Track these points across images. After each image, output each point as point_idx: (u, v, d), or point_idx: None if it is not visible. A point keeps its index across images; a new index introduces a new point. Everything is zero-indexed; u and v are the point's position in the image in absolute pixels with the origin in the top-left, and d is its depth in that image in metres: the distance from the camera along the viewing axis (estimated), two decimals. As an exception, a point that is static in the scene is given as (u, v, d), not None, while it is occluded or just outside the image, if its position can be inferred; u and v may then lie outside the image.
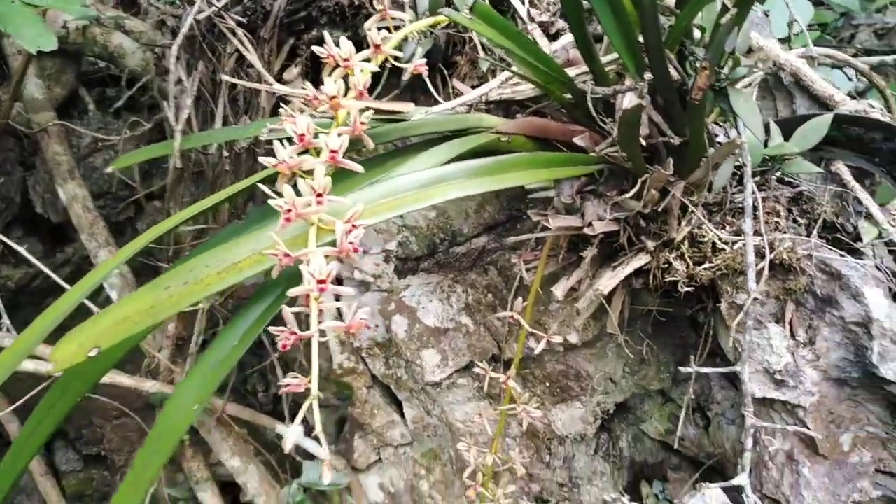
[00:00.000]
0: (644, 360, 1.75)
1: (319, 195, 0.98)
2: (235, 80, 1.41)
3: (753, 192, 1.26)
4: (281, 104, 1.36)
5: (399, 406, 1.99)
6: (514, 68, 1.24)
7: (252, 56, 1.45)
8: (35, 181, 2.55)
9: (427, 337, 1.78)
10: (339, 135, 1.00)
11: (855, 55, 3.14)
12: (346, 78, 1.09)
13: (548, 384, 1.74)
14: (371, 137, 1.37)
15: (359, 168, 1.04)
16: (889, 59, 1.57)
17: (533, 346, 1.49)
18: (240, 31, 1.48)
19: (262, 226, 1.06)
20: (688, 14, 1.12)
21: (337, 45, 1.06)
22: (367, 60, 1.12)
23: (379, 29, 1.13)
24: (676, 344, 1.71)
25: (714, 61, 1.12)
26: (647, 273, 1.40)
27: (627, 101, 1.15)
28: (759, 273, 1.20)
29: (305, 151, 1.03)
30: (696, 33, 1.18)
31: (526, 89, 1.36)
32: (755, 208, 1.29)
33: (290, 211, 0.95)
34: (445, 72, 1.52)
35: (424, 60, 1.24)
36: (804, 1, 1.67)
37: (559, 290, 1.44)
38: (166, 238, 1.99)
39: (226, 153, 1.58)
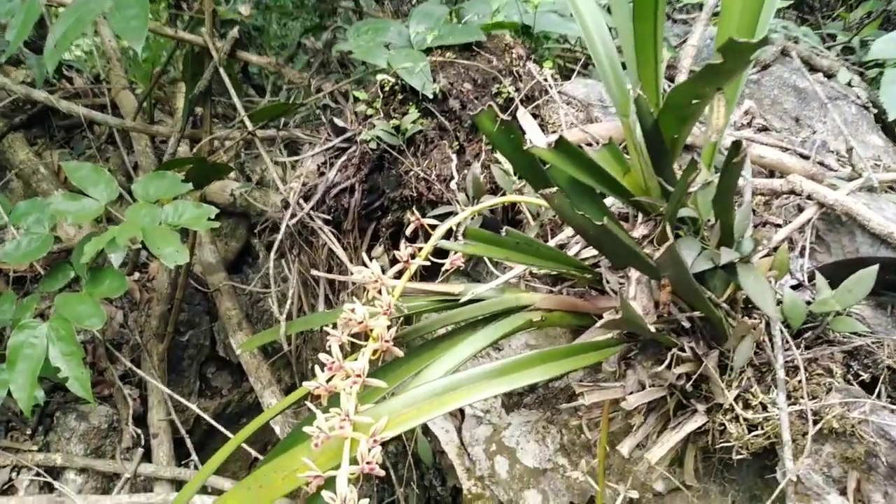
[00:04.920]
0: (754, 495, 1.68)
1: (346, 417, 1.15)
2: (323, 275, 1.66)
3: (794, 360, 1.22)
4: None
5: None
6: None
7: (337, 248, 1.69)
8: (218, 329, 3.04)
9: (528, 478, 1.86)
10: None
11: None
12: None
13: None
14: (421, 328, 1.54)
15: (381, 384, 1.20)
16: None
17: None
18: (326, 228, 1.74)
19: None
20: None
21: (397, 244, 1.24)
22: (414, 256, 1.29)
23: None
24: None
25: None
26: (708, 433, 1.39)
27: (633, 290, 1.20)
28: (800, 449, 1.16)
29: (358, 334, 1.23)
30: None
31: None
32: (805, 369, 1.24)
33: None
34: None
35: (461, 255, 1.39)
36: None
37: (625, 449, 1.46)
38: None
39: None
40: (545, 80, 1.74)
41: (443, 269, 1.43)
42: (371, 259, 2.05)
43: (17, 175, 3.05)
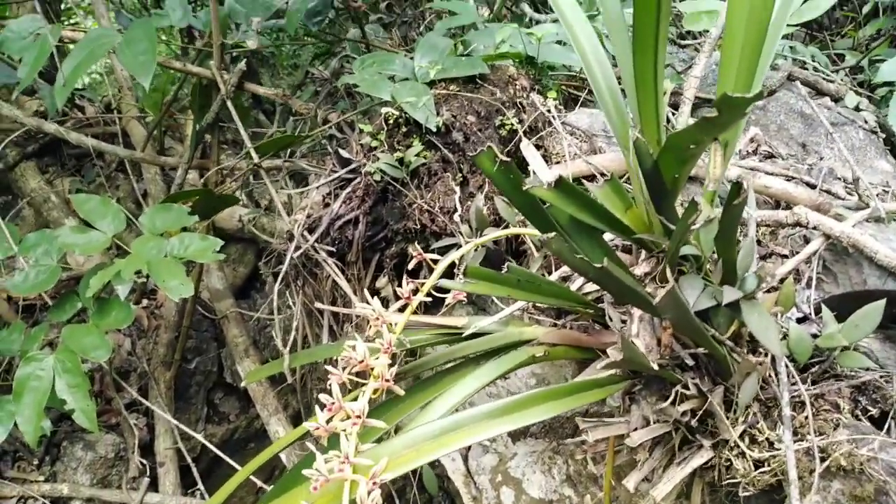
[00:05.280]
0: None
1: (345, 459, 1.14)
2: (327, 307, 1.66)
3: (800, 396, 1.20)
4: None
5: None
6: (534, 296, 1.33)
7: (341, 280, 1.70)
8: (225, 355, 3.04)
9: (533, 510, 1.84)
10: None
11: None
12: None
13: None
14: (427, 362, 1.53)
15: (381, 424, 1.19)
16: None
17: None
18: (330, 260, 1.75)
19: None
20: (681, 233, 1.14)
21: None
22: (416, 292, 1.29)
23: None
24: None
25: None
26: (715, 468, 1.37)
27: (635, 328, 1.19)
28: (808, 486, 1.14)
29: (362, 372, 1.22)
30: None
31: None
32: (812, 404, 1.23)
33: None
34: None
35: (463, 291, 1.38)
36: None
37: (631, 483, 1.44)
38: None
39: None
40: (549, 110, 1.74)
41: (445, 302, 1.43)
42: (375, 291, 2.06)
43: (28, 203, 3.09)
